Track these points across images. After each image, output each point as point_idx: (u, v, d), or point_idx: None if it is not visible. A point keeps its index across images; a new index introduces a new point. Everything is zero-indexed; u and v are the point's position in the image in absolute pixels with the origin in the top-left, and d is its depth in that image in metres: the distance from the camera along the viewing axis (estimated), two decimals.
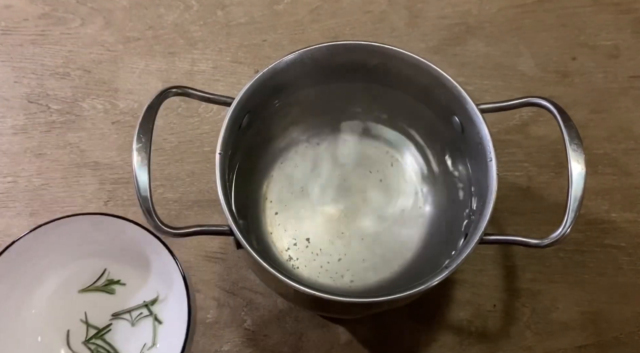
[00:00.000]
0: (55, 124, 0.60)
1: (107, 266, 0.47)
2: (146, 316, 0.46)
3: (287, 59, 0.47)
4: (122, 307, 0.46)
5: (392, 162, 0.55)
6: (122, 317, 0.46)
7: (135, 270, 0.46)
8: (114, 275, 0.47)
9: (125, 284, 0.47)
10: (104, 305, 0.46)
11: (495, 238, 0.43)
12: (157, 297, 0.46)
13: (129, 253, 0.45)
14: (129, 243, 0.45)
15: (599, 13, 0.65)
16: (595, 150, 0.59)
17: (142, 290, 0.46)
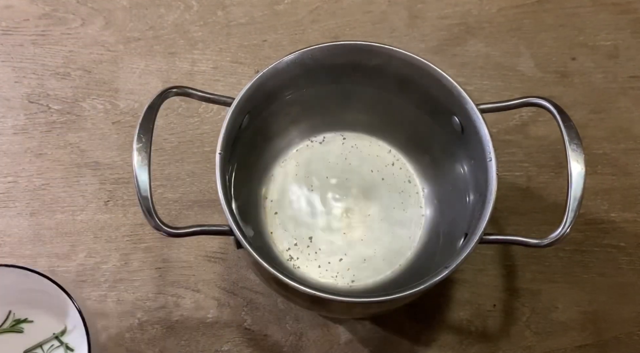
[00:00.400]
0: (56, 124, 0.60)
1: (11, 308, 0.48)
2: (58, 347, 0.47)
3: (287, 59, 0.47)
4: (33, 343, 0.47)
5: (393, 161, 0.55)
6: (34, 352, 0.47)
7: (40, 308, 0.48)
8: (20, 315, 0.48)
9: (32, 321, 0.48)
10: (15, 344, 0.47)
11: (495, 238, 0.43)
12: (65, 328, 0.47)
13: (32, 294, 0.47)
14: (30, 286, 0.46)
15: (598, 13, 0.65)
16: (594, 150, 0.59)
17: (51, 324, 0.47)
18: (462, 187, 0.50)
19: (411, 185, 0.55)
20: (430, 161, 0.54)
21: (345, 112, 0.55)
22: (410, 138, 0.55)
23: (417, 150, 0.55)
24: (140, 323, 0.53)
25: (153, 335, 0.53)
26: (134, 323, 0.53)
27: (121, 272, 0.55)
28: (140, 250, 0.55)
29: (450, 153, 0.52)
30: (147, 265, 0.55)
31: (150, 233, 0.56)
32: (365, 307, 0.46)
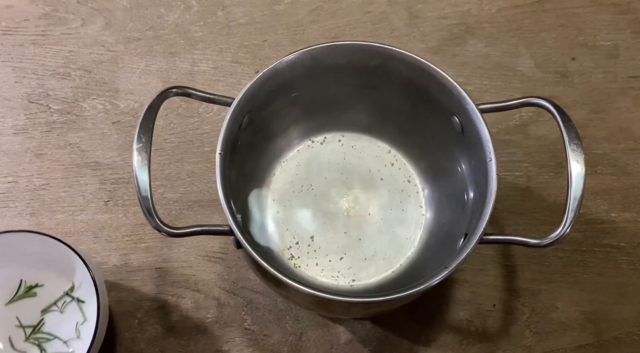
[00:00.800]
0: (56, 124, 0.60)
1: (22, 276, 0.52)
2: (70, 301, 0.52)
3: (287, 59, 0.47)
4: (47, 303, 0.52)
5: (393, 161, 0.55)
6: (50, 310, 0.52)
7: (48, 272, 0.51)
8: (30, 282, 0.52)
9: (43, 284, 0.52)
10: (31, 306, 0.51)
11: (495, 238, 0.43)
12: (73, 285, 0.52)
13: (40, 258, 0.50)
14: (38, 250, 0.49)
15: (598, 13, 0.65)
16: (594, 150, 0.59)
17: (59, 284, 0.52)
18: (462, 187, 0.50)
19: (411, 185, 0.55)
20: (430, 161, 0.54)
21: (345, 112, 0.55)
22: (410, 138, 0.55)
23: (417, 150, 0.55)
24: (140, 323, 0.53)
25: (153, 335, 0.53)
26: (134, 323, 0.53)
27: (121, 272, 0.55)
28: (140, 250, 0.55)
29: (450, 153, 0.52)
30: (147, 265, 0.55)
31: (150, 233, 0.56)
32: (365, 307, 0.46)
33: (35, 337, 0.51)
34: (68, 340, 0.51)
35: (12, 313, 0.51)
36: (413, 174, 0.55)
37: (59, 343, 0.50)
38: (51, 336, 0.51)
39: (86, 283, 0.49)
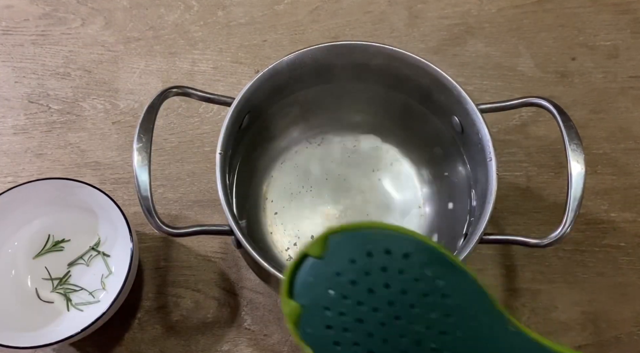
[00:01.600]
0: (56, 124, 0.60)
1: (50, 232, 0.54)
2: (96, 255, 0.54)
3: (287, 59, 0.47)
4: (74, 257, 0.54)
5: (392, 161, 0.55)
6: (76, 263, 0.54)
7: (75, 229, 0.54)
8: (57, 237, 0.54)
9: (70, 240, 0.54)
10: (58, 260, 0.54)
11: (495, 238, 0.43)
12: (99, 240, 0.54)
13: (71, 212, 0.53)
14: (73, 203, 0.52)
15: (598, 13, 0.65)
16: (594, 150, 0.59)
17: (85, 238, 0.54)
18: (462, 186, 0.50)
19: (410, 184, 0.55)
20: (430, 161, 0.54)
21: (345, 112, 0.55)
22: (410, 138, 0.55)
23: (416, 150, 0.55)
24: (140, 323, 0.53)
25: (153, 335, 0.53)
26: (134, 323, 0.53)
27: None
28: (141, 250, 0.55)
29: (450, 153, 0.52)
30: (147, 265, 0.55)
31: (150, 233, 0.56)
32: None
33: (62, 288, 0.52)
34: (94, 291, 0.52)
35: (40, 266, 0.53)
36: (413, 173, 0.55)
37: (85, 294, 0.52)
38: (77, 287, 0.53)
39: (110, 239, 0.53)
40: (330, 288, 0.25)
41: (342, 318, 0.25)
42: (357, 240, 0.26)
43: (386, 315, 0.25)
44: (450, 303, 0.25)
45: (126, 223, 0.48)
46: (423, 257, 0.25)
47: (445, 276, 0.25)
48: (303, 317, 0.25)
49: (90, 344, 0.52)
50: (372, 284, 0.25)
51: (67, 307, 0.52)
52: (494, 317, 0.25)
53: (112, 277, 0.53)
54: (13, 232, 0.53)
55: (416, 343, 0.25)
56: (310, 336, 0.25)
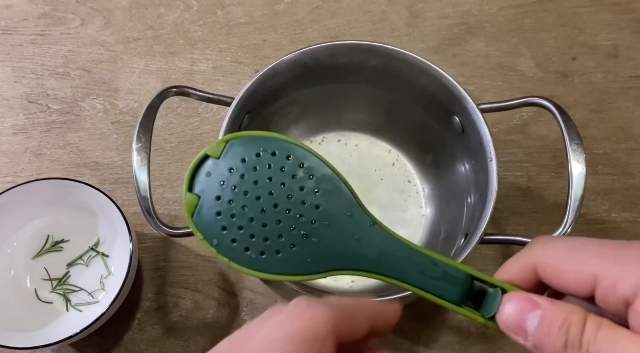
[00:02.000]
0: (55, 123, 0.60)
1: (49, 232, 0.54)
2: (95, 255, 0.54)
3: (287, 59, 0.47)
4: (73, 257, 0.54)
5: (393, 161, 0.55)
6: (76, 263, 0.54)
7: (74, 229, 0.54)
8: (57, 237, 0.54)
9: (69, 240, 0.54)
10: (57, 260, 0.54)
11: (496, 238, 0.43)
12: (98, 240, 0.54)
13: (70, 212, 0.53)
14: (73, 203, 0.52)
15: (598, 13, 0.65)
16: (595, 150, 0.59)
17: (84, 239, 0.54)
18: (462, 187, 0.50)
19: (411, 185, 0.54)
20: (430, 161, 0.54)
21: (345, 112, 0.55)
22: (410, 138, 0.55)
23: (417, 150, 0.55)
24: (139, 324, 0.53)
25: (153, 336, 0.53)
26: (133, 323, 0.53)
27: None
28: (140, 250, 0.55)
29: (450, 153, 0.51)
30: (146, 266, 0.55)
31: (149, 233, 0.56)
32: None
33: (61, 288, 0.52)
34: (93, 292, 0.52)
35: (39, 266, 0.53)
36: (413, 173, 0.55)
37: (84, 294, 0.52)
38: (76, 287, 0.53)
39: (109, 240, 0.53)
40: (223, 180, 0.30)
41: (229, 206, 0.30)
42: (249, 144, 0.31)
43: (267, 202, 0.30)
44: (320, 196, 0.30)
45: (125, 224, 0.48)
46: (301, 160, 0.30)
47: (317, 175, 0.30)
48: (198, 207, 0.30)
49: (90, 345, 0.52)
50: (258, 177, 0.30)
51: (67, 308, 0.52)
52: (356, 211, 0.30)
53: (112, 278, 0.53)
54: (12, 232, 0.53)
55: (290, 228, 0.30)
56: (202, 223, 0.30)
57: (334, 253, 0.30)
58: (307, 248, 0.30)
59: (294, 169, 0.30)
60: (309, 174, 0.30)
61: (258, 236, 0.30)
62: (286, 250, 0.30)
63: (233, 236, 0.30)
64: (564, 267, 0.24)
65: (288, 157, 0.30)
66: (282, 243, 0.30)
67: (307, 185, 0.30)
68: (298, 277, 0.30)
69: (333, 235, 0.30)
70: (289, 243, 0.30)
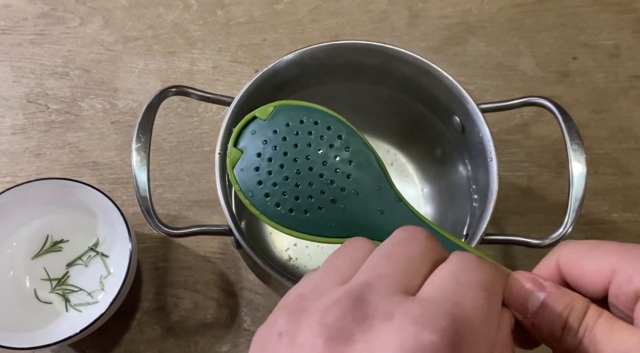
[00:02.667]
0: (55, 123, 0.60)
1: (48, 232, 0.54)
2: (95, 256, 0.54)
3: (287, 59, 0.47)
4: (73, 257, 0.54)
5: (393, 161, 0.55)
6: (75, 263, 0.54)
7: (73, 229, 0.54)
8: (56, 237, 0.54)
9: (68, 240, 0.54)
10: (57, 261, 0.53)
11: (496, 238, 0.43)
12: (97, 240, 0.54)
13: (70, 213, 0.53)
14: (72, 203, 0.52)
15: (599, 13, 0.65)
16: (596, 150, 0.59)
17: (84, 239, 0.54)
18: (462, 187, 0.50)
19: (411, 185, 0.54)
20: (430, 161, 0.54)
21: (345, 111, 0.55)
22: (410, 138, 0.55)
23: (417, 150, 0.55)
24: (139, 324, 0.53)
25: (152, 336, 0.53)
26: (132, 324, 0.53)
27: None
28: (140, 250, 0.55)
29: (450, 153, 0.51)
30: (146, 266, 0.55)
31: (149, 233, 0.56)
32: None
33: (60, 288, 0.52)
34: (92, 292, 0.52)
35: (39, 267, 0.53)
36: (413, 173, 0.55)
37: (84, 295, 0.52)
38: (76, 288, 0.53)
39: (109, 240, 0.53)
40: (266, 140, 0.32)
41: (268, 164, 0.32)
42: (295, 111, 0.34)
43: (303, 165, 0.32)
44: (353, 167, 0.32)
45: (125, 224, 0.48)
46: (340, 132, 0.33)
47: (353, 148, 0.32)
48: (240, 160, 0.32)
49: (89, 345, 0.52)
50: (298, 141, 0.32)
51: (66, 308, 0.51)
52: (384, 186, 0.32)
53: (111, 278, 0.53)
54: (11, 232, 0.53)
55: (320, 192, 0.31)
56: (241, 176, 0.32)
57: (357, 222, 0.31)
58: (334, 212, 0.31)
59: (332, 139, 0.32)
60: (345, 146, 0.32)
61: (290, 194, 0.31)
62: (314, 211, 0.31)
63: (267, 191, 0.31)
64: (582, 262, 0.24)
65: (329, 127, 0.33)
66: (311, 204, 0.31)
67: (343, 155, 0.32)
68: (319, 239, 0.31)
69: (359, 204, 0.31)
70: (318, 205, 0.31)
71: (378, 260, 0.24)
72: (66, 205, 0.53)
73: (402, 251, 0.24)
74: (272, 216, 0.31)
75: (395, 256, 0.24)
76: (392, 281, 0.23)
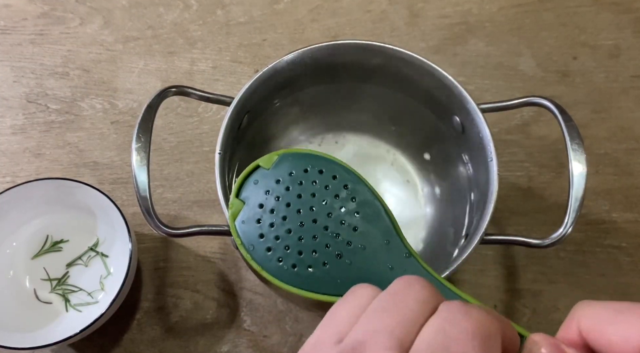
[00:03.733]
0: (54, 123, 0.60)
1: (48, 232, 0.54)
2: (95, 256, 0.54)
3: (287, 59, 0.47)
4: (73, 257, 0.54)
5: (393, 161, 0.55)
6: (75, 263, 0.54)
7: (73, 229, 0.54)
8: (56, 237, 0.54)
9: (68, 240, 0.54)
10: (56, 261, 0.53)
11: (496, 238, 0.43)
12: (97, 240, 0.54)
13: (70, 213, 0.53)
14: (72, 203, 0.52)
15: (599, 12, 0.65)
16: (596, 150, 0.59)
17: (84, 239, 0.54)
18: (462, 186, 0.50)
19: (411, 185, 0.54)
20: (430, 161, 0.54)
21: (345, 111, 0.55)
22: (410, 138, 0.55)
23: (416, 150, 0.55)
24: (139, 324, 0.53)
25: (152, 336, 0.52)
26: (132, 324, 0.53)
27: None
28: (140, 250, 0.55)
29: (450, 153, 0.51)
30: (146, 266, 0.55)
31: (149, 233, 0.56)
32: None
33: (60, 288, 0.52)
34: (92, 292, 0.52)
35: (38, 267, 0.53)
36: (412, 173, 0.55)
37: (84, 295, 0.52)
38: (76, 288, 0.53)
39: (109, 240, 0.53)
40: (269, 190, 0.32)
41: (270, 215, 0.31)
42: (299, 159, 0.32)
43: (306, 217, 0.30)
44: (359, 219, 0.30)
45: (125, 224, 0.48)
46: (346, 181, 0.32)
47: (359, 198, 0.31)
48: (242, 211, 0.32)
49: (89, 345, 0.52)
50: (302, 191, 0.31)
51: (66, 308, 0.51)
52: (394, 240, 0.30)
53: (111, 278, 0.53)
54: (11, 232, 0.53)
55: (325, 246, 0.30)
56: (242, 228, 0.31)
57: (364, 279, 0.28)
58: (339, 268, 0.30)
59: (338, 189, 0.31)
60: (351, 196, 0.31)
61: (293, 248, 0.30)
62: (318, 267, 0.30)
63: (269, 245, 0.30)
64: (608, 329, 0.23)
65: (334, 177, 0.32)
66: (315, 259, 0.30)
67: (349, 206, 0.31)
68: (324, 297, 0.29)
69: (367, 260, 0.30)
70: (322, 260, 0.30)
71: (374, 314, 0.23)
72: (66, 205, 0.52)
73: (399, 301, 0.23)
74: (274, 272, 0.30)
75: (391, 308, 0.23)
76: (387, 337, 0.21)
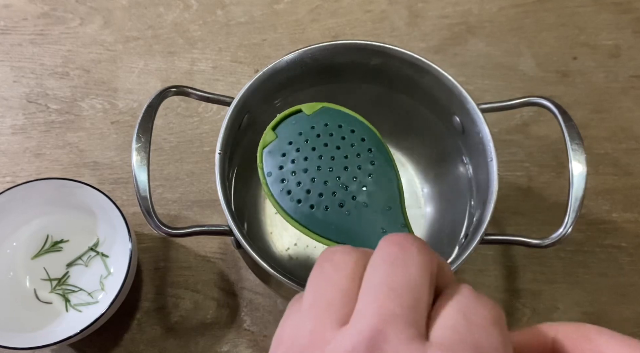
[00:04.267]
0: (55, 123, 0.60)
1: (49, 232, 0.54)
2: (95, 256, 0.54)
3: (287, 59, 0.47)
4: (73, 257, 0.54)
5: None
6: (75, 263, 0.54)
7: (74, 229, 0.54)
8: (56, 237, 0.54)
9: (68, 240, 0.54)
10: (57, 261, 0.54)
11: (496, 238, 0.43)
12: (97, 240, 0.54)
13: (70, 213, 0.53)
14: (72, 203, 0.52)
15: (599, 13, 0.65)
16: (596, 150, 0.59)
17: (84, 239, 0.54)
18: (462, 187, 0.50)
19: (411, 185, 0.54)
20: (430, 161, 0.54)
21: None
22: (410, 138, 0.55)
23: (417, 150, 0.55)
24: (139, 324, 0.53)
25: (152, 336, 0.53)
26: (133, 324, 0.53)
27: None
28: (140, 250, 0.55)
29: (450, 153, 0.51)
30: (146, 266, 0.55)
31: (149, 233, 0.56)
32: None
33: (60, 288, 0.52)
34: (92, 292, 0.52)
35: (38, 267, 0.53)
36: (413, 174, 0.55)
37: (84, 295, 0.52)
38: (76, 288, 0.53)
39: (109, 240, 0.54)
40: (301, 132, 0.34)
41: (295, 153, 0.34)
42: (338, 115, 0.36)
43: (325, 164, 0.33)
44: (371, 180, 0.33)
45: (125, 224, 0.48)
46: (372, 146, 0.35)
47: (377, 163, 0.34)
48: (272, 143, 0.35)
49: (89, 345, 0.52)
50: (329, 141, 0.34)
51: (66, 308, 0.52)
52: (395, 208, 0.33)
53: (111, 278, 0.53)
54: (11, 232, 0.53)
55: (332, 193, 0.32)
56: (267, 156, 0.34)
57: (356, 233, 0.31)
58: (337, 216, 0.32)
59: (362, 150, 0.34)
60: (372, 160, 0.34)
61: (303, 186, 0.33)
62: (320, 208, 0.32)
63: (284, 177, 0.33)
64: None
65: (363, 139, 0.35)
66: (319, 201, 0.32)
67: (366, 167, 0.33)
68: (314, 236, 0.32)
69: (364, 216, 0.32)
70: (325, 204, 0.32)
71: (379, 292, 0.21)
72: (66, 205, 0.52)
73: (402, 276, 0.21)
74: (279, 200, 0.33)
75: (398, 286, 0.21)
76: (405, 324, 0.20)
